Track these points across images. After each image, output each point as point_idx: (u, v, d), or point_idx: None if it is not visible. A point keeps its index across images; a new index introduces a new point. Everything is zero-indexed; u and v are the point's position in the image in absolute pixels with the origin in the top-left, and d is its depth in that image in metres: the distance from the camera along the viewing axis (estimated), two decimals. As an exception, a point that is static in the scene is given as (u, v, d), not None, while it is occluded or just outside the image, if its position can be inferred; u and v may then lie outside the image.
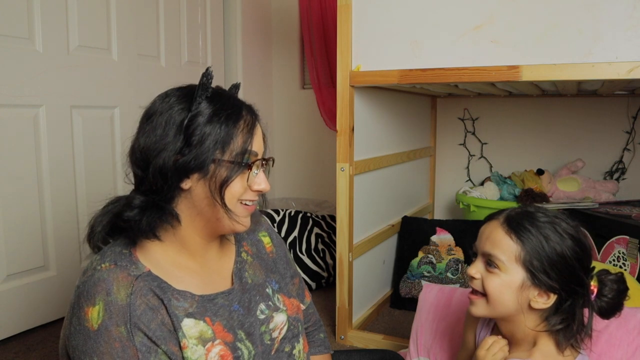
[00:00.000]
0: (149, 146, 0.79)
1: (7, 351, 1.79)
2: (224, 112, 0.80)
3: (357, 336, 1.84)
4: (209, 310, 0.83)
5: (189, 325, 0.78)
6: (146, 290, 0.76)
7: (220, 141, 0.78)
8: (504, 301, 0.89)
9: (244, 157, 0.81)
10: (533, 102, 2.61)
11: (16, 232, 1.86)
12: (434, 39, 1.62)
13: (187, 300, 0.80)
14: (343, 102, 1.75)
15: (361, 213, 1.92)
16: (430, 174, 2.84)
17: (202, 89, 0.80)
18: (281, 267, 1.02)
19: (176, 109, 0.79)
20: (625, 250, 1.80)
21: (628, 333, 1.13)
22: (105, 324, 0.73)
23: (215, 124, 0.78)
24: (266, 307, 0.92)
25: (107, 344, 0.72)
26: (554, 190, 2.44)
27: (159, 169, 0.77)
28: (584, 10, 1.42)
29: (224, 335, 0.82)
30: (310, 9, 2.89)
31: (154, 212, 0.79)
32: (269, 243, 1.03)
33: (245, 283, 0.92)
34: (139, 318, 0.73)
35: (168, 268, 0.82)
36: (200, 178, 0.79)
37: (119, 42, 2.21)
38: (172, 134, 0.78)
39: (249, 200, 0.85)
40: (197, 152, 0.77)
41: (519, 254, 0.87)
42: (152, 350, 0.74)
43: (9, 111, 1.82)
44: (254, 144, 0.82)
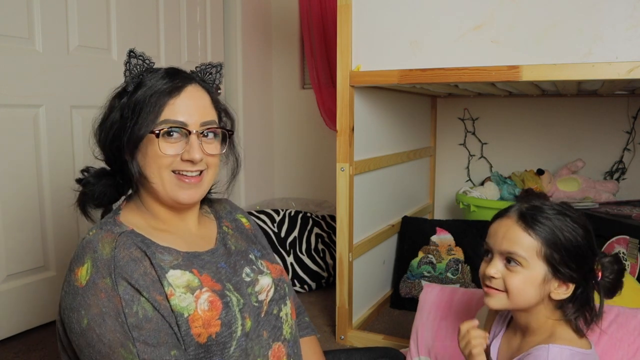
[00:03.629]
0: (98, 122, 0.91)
1: (7, 351, 1.79)
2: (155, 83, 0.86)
3: (357, 336, 1.84)
4: (195, 264, 0.86)
5: (175, 276, 0.82)
6: (129, 244, 0.81)
7: (138, 111, 0.84)
8: (526, 296, 0.91)
9: (152, 125, 0.84)
10: (533, 102, 2.61)
11: (16, 232, 1.86)
12: (434, 38, 1.62)
13: (172, 255, 0.84)
14: (343, 102, 1.75)
15: (361, 213, 1.92)
16: (430, 174, 2.84)
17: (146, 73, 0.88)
18: (262, 240, 1.07)
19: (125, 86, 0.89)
20: (625, 250, 1.80)
21: (629, 334, 1.13)
22: (92, 278, 0.77)
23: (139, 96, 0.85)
24: (251, 270, 0.94)
25: (94, 296, 0.76)
26: (554, 190, 2.44)
27: (102, 145, 0.89)
28: (584, 10, 1.42)
29: (212, 284, 0.85)
30: (310, 9, 2.88)
31: (108, 179, 0.91)
32: (247, 222, 1.08)
33: (229, 249, 0.95)
34: (122, 268, 0.77)
35: (151, 231, 0.87)
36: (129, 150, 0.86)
37: (119, 42, 2.21)
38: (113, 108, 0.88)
39: (183, 170, 0.87)
40: (121, 125, 0.86)
41: (539, 249, 0.89)
42: (135, 299, 0.76)
43: (9, 111, 1.82)
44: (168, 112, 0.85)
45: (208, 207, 1.04)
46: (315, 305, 2.23)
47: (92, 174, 0.91)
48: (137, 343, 0.75)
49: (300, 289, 2.38)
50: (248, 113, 3.03)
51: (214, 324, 0.81)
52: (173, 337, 0.78)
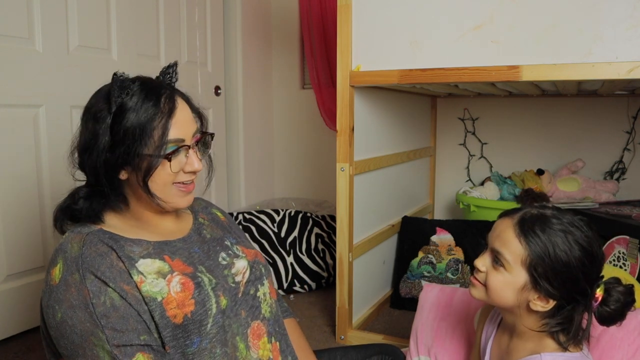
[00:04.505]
0: (83, 145, 0.88)
1: (7, 351, 1.79)
2: (142, 106, 0.86)
3: (357, 336, 1.84)
4: (166, 250, 0.90)
5: (145, 264, 0.85)
6: (96, 241, 0.84)
7: (139, 136, 0.85)
8: (503, 297, 0.92)
9: (162, 149, 0.86)
10: (533, 102, 2.61)
11: (16, 232, 1.86)
12: (434, 39, 1.62)
13: (141, 246, 0.88)
14: (343, 102, 1.75)
15: (361, 213, 1.92)
16: (430, 174, 2.84)
17: (116, 91, 0.86)
18: (237, 231, 1.11)
19: (101, 107, 0.87)
20: (625, 250, 1.80)
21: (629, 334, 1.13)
22: (64, 275, 0.82)
23: (133, 120, 0.85)
24: (226, 255, 0.99)
25: (65, 291, 0.81)
26: (554, 190, 2.44)
27: (93, 168, 0.87)
28: (584, 10, 1.42)
29: (183, 268, 0.89)
30: (310, 9, 2.88)
31: (97, 199, 0.90)
32: (222, 216, 1.12)
33: (204, 237, 1.00)
34: (89, 263, 0.81)
35: (125, 228, 0.91)
36: (131, 170, 0.87)
37: (119, 42, 2.21)
38: (99, 134, 0.86)
39: (184, 181, 0.92)
40: (121, 149, 0.85)
41: (525, 258, 0.88)
42: (102, 290, 0.80)
43: (9, 111, 1.82)
44: (172, 133, 0.87)
45: None
46: (315, 305, 2.23)
47: (83, 195, 0.91)
48: (105, 330, 0.79)
49: (300, 289, 2.38)
50: (248, 113, 3.03)
51: (188, 303, 0.85)
52: (142, 323, 0.81)
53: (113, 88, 0.87)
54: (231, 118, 2.96)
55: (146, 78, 0.93)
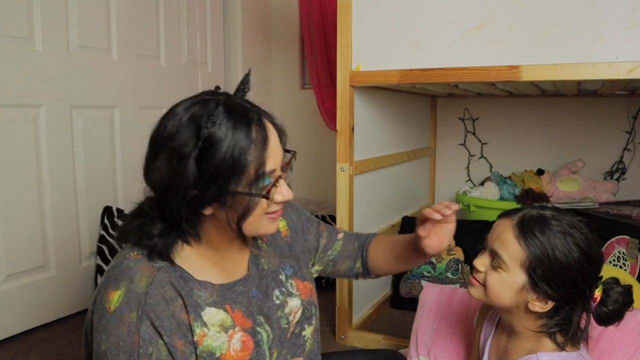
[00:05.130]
0: (164, 180, 0.77)
1: (7, 351, 1.79)
2: (233, 137, 0.76)
3: (357, 336, 1.84)
4: (228, 298, 0.85)
5: (211, 314, 0.82)
6: (165, 282, 0.79)
7: (232, 172, 0.76)
8: (501, 297, 0.92)
9: (258, 186, 0.78)
10: (533, 102, 2.61)
11: (16, 232, 1.86)
12: (434, 39, 1.62)
13: (207, 290, 0.83)
14: (343, 102, 1.75)
15: (361, 213, 1.92)
16: (430, 174, 2.84)
17: (203, 122, 0.75)
18: (297, 250, 1.04)
19: (185, 140, 0.75)
20: (625, 251, 1.80)
21: (628, 334, 1.13)
22: (121, 307, 0.76)
23: (224, 154, 0.75)
24: (280, 292, 0.94)
25: (116, 325, 0.76)
26: (554, 190, 2.44)
27: (176, 203, 0.77)
28: (584, 10, 1.42)
29: (243, 322, 0.85)
30: (310, 9, 2.88)
31: (173, 236, 0.82)
32: (284, 227, 1.04)
33: (261, 269, 0.94)
34: (151, 307, 0.76)
35: (192, 258, 0.85)
36: (219, 207, 0.78)
37: (119, 42, 2.21)
38: (184, 171, 0.75)
39: (274, 210, 0.84)
40: (210, 186, 0.76)
41: (524, 260, 0.88)
42: (153, 341, 0.76)
43: (9, 111, 1.82)
44: (268, 163, 0.79)
45: None
46: (315, 305, 2.23)
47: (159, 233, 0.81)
48: None
49: (300, 289, 2.38)
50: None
51: None
52: None
53: (201, 117, 0.76)
54: (231, 118, 2.96)
55: (227, 99, 0.80)
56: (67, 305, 2.07)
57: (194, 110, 0.77)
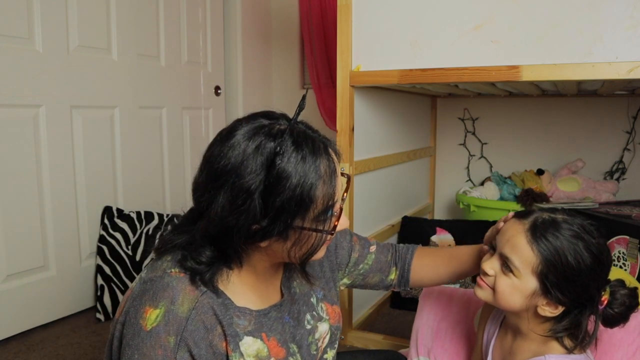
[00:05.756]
0: (225, 215, 0.73)
1: (7, 351, 1.79)
2: (303, 171, 0.72)
3: (357, 336, 1.84)
4: (264, 325, 0.83)
5: (248, 344, 0.79)
6: (207, 308, 0.76)
7: (300, 208, 0.72)
8: (511, 301, 0.90)
9: (325, 222, 0.76)
10: (533, 102, 2.61)
11: (16, 232, 1.86)
12: (434, 38, 1.62)
13: (246, 318, 0.81)
14: (343, 102, 1.75)
15: (361, 213, 1.92)
16: (430, 174, 2.84)
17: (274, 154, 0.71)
18: (326, 267, 1.01)
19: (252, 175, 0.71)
20: (625, 251, 1.80)
21: (628, 334, 1.13)
22: (158, 328, 0.73)
23: (295, 190, 0.71)
24: (311, 317, 0.93)
25: (151, 347, 0.73)
26: (554, 190, 2.44)
27: (237, 239, 0.74)
28: (584, 10, 1.42)
29: (277, 351, 0.83)
30: (310, 9, 2.88)
31: (220, 263, 0.78)
32: None
33: (293, 293, 0.92)
34: (190, 333, 0.74)
35: (232, 281, 0.82)
36: (279, 240, 0.76)
37: (119, 42, 2.21)
38: (249, 206, 0.71)
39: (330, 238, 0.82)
40: (276, 222, 0.72)
41: (536, 266, 0.87)
42: None
43: (8, 111, 1.82)
44: (336, 195, 0.76)
45: None
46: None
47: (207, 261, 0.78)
48: None
49: (300, 289, 2.38)
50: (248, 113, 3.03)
51: None
52: None
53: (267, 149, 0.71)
54: (231, 118, 2.95)
55: (291, 127, 0.75)
56: (67, 305, 2.07)
57: (259, 141, 0.72)
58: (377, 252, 1.10)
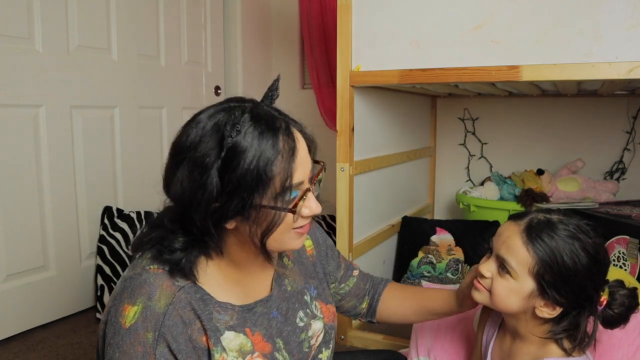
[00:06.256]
0: (185, 191, 0.74)
1: (7, 351, 1.79)
2: (259, 147, 0.72)
3: (357, 336, 1.83)
4: (248, 320, 0.83)
5: (229, 338, 0.79)
6: (185, 303, 0.76)
7: (257, 184, 0.72)
8: (508, 304, 0.90)
9: (284, 200, 0.74)
10: (533, 102, 2.61)
11: (16, 232, 1.86)
12: (434, 38, 1.62)
13: (227, 313, 0.80)
14: (343, 102, 1.75)
15: (361, 213, 1.92)
16: (430, 174, 2.84)
17: (228, 131, 0.72)
18: (320, 271, 1.01)
19: (207, 150, 0.72)
20: (625, 251, 1.80)
21: (628, 334, 1.13)
22: (137, 325, 0.73)
23: (249, 166, 0.71)
24: (304, 314, 0.92)
25: (131, 344, 0.73)
26: (554, 190, 2.44)
27: (198, 216, 0.74)
28: (584, 10, 1.42)
29: (262, 346, 0.83)
30: (310, 9, 2.88)
31: (196, 251, 0.78)
32: (310, 246, 1.01)
33: (284, 290, 0.91)
34: (168, 329, 0.74)
35: (213, 276, 0.82)
36: (243, 221, 0.75)
37: (119, 42, 2.21)
38: (206, 183, 0.71)
39: (302, 225, 0.80)
40: (233, 199, 0.72)
41: (532, 266, 0.87)
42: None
43: (8, 111, 1.82)
44: (296, 176, 0.75)
45: None
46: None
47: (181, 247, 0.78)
48: None
49: (300, 289, 2.38)
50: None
51: None
52: None
53: (225, 125, 0.72)
54: (231, 118, 2.96)
55: (254, 106, 0.77)
56: (67, 305, 2.07)
57: (218, 118, 0.73)
58: (358, 277, 1.10)
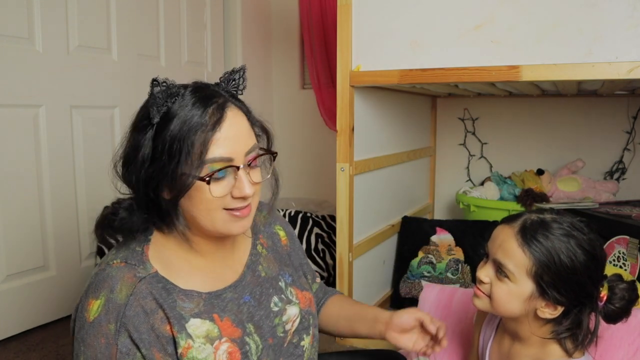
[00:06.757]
0: (126, 153, 0.80)
1: (7, 351, 1.79)
2: (187, 115, 0.76)
3: (357, 336, 1.83)
4: (216, 306, 0.83)
5: (195, 325, 0.79)
6: (146, 294, 0.77)
7: (177, 152, 0.74)
8: (509, 307, 0.90)
9: (200, 169, 0.75)
10: (533, 102, 2.61)
11: (16, 232, 1.86)
12: (434, 38, 1.62)
13: (193, 300, 0.81)
14: (343, 102, 1.75)
15: (361, 213, 1.92)
16: (430, 174, 2.84)
17: (159, 99, 0.76)
18: (295, 261, 1.03)
19: (146, 116, 0.78)
20: (625, 250, 1.80)
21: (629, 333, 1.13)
22: (99, 318, 0.75)
23: (174, 132, 0.74)
24: (279, 299, 0.92)
25: (94, 337, 0.75)
26: (554, 190, 2.44)
27: (134, 182, 0.79)
28: (584, 10, 1.42)
29: (231, 331, 0.82)
30: (310, 9, 2.88)
31: (140, 213, 0.81)
32: (284, 237, 1.03)
33: (258, 276, 0.92)
34: (129, 319, 0.75)
35: (178, 265, 0.83)
36: (169, 190, 0.77)
37: (119, 42, 2.21)
38: (140, 145, 0.77)
39: (234, 207, 0.79)
40: (159, 163, 0.75)
41: (530, 268, 0.86)
42: (131, 353, 0.75)
43: (8, 111, 1.82)
44: (215, 150, 0.75)
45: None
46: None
47: (125, 207, 0.82)
48: None
49: (300, 289, 2.38)
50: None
51: None
52: None
53: (156, 95, 0.76)
54: (231, 118, 2.96)
55: (203, 84, 0.82)
56: (67, 305, 2.07)
57: (170, 91, 0.78)
58: (319, 285, 1.12)
